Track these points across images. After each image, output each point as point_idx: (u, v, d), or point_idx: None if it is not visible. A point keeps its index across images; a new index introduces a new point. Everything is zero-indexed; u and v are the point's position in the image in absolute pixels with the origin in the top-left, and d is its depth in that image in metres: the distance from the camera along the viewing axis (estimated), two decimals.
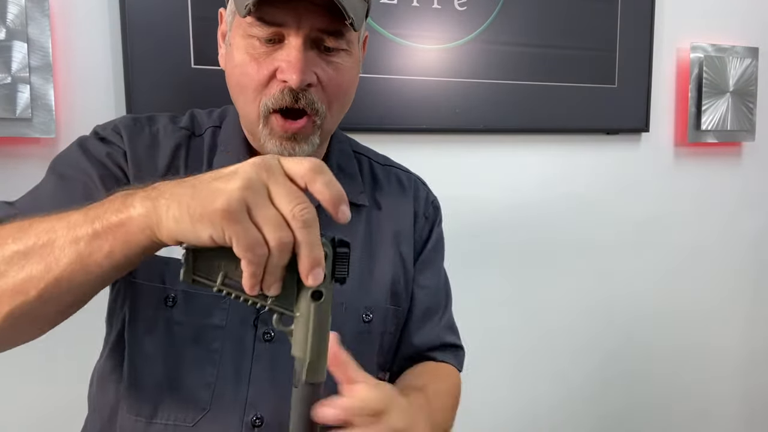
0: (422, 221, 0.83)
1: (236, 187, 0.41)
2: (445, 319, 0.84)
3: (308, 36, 0.64)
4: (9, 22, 0.96)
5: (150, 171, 0.69)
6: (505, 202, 1.40)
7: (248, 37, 0.65)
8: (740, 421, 1.78)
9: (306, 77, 0.63)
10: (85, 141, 0.71)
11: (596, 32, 1.42)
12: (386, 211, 0.79)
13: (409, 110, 1.25)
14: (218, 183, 0.42)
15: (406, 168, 0.88)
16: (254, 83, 0.65)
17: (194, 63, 1.08)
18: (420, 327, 0.81)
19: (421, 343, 0.80)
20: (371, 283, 0.74)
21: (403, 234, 0.79)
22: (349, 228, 0.74)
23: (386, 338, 0.76)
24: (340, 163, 0.79)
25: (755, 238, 1.72)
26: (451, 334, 0.85)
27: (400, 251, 0.78)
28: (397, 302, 0.77)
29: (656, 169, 1.56)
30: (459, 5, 1.27)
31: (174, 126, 0.75)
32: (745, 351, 1.75)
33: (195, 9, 1.07)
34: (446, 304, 0.86)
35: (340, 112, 0.72)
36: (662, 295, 1.61)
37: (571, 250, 1.48)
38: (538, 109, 1.37)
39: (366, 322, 0.73)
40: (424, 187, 0.88)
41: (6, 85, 0.96)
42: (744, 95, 1.60)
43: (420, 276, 0.82)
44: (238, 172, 0.43)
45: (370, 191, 0.80)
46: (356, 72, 0.71)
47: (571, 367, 1.52)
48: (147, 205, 0.45)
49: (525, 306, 1.45)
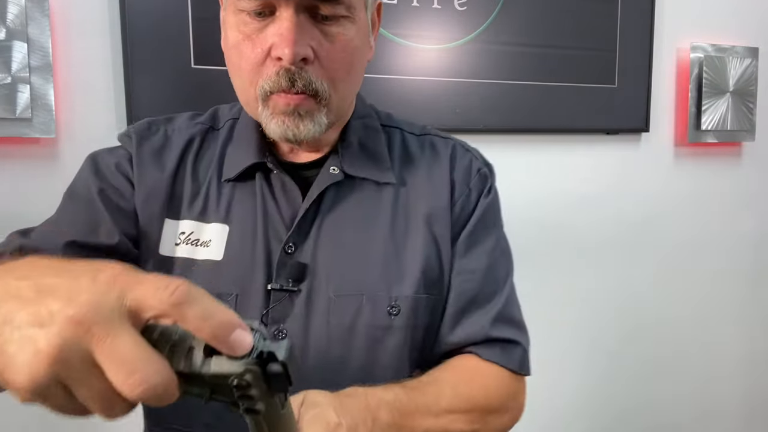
0: (464, 192, 0.72)
1: (44, 357, 0.30)
2: (497, 309, 0.70)
3: (300, 4, 0.58)
4: (9, 22, 0.96)
5: (155, 172, 0.69)
6: (505, 201, 1.39)
7: (238, 12, 0.60)
8: (740, 421, 1.78)
9: (299, 50, 0.58)
10: (96, 155, 0.71)
11: (596, 32, 1.42)
12: (417, 187, 0.71)
13: (409, 110, 1.25)
14: (29, 330, 0.31)
15: (447, 134, 0.78)
16: (249, 64, 0.61)
17: (194, 63, 1.08)
18: (461, 319, 0.69)
19: (460, 340, 0.69)
20: (398, 272, 0.66)
21: (437, 211, 0.70)
22: (373, 210, 0.68)
23: (420, 332, 0.68)
24: (363, 140, 0.71)
25: (755, 238, 1.72)
26: (503, 326, 0.71)
27: (433, 232, 0.69)
28: (431, 290, 0.68)
29: (656, 169, 1.56)
30: (459, 5, 1.27)
31: (191, 122, 0.73)
32: (745, 351, 1.75)
33: (195, 9, 1.07)
34: (501, 290, 0.72)
35: (347, 88, 0.65)
36: (662, 294, 1.61)
37: (570, 250, 1.48)
38: (538, 109, 1.37)
39: (393, 315, 0.65)
40: (468, 153, 0.77)
41: (6, 85, 0.96)
42: (744, 95, 1.60)
43: (462, 260, 0.70)
44: (55, 320, 0.30)
45: (400, 167, 0.72)
46: (361, 41, 0.63)
47: (570, 367, 1.52)
48: None
49: (524, 306, 1.45)
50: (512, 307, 0.74)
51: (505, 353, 0.71)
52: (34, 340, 0.30)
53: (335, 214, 0.67)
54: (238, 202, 0.68)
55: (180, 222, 0.68)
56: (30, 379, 0.30)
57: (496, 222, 0.76)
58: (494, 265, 0.73)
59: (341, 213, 0.67)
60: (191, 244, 0.67)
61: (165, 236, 0.67)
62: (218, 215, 0.68)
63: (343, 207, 0.68)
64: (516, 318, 0.75)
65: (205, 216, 0.68)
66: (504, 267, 0.75)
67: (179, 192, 0.69)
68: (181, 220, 0.68)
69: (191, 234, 0.67)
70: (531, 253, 1.44)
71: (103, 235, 0.64)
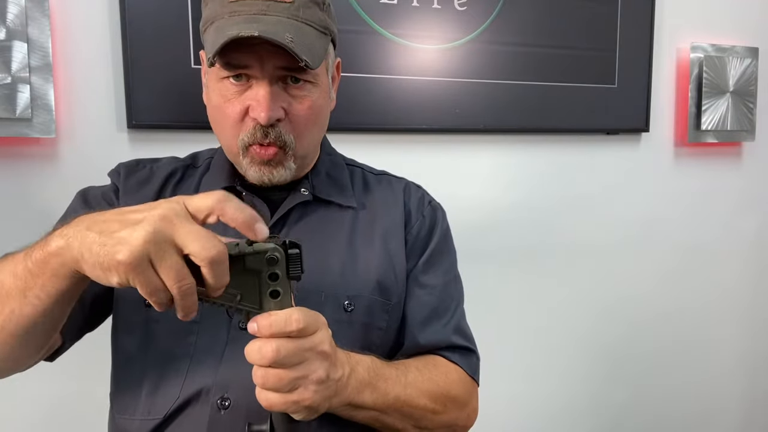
0: (418, 219, 0.84)
1: (139, 240, 0.46)
2: (454, 321, 0.82)
3: (273, 74, 0.69)
4: (9, 22, 0.96)
5: (138, 198, 0.76)
6: (505, 201, 1.40)
7: (220, 80, 0.71)
8: (740, 421, 1.78)
9: (273, 114, 0.69)
10: (85, 189, 0.79)
11: (596, 32, 1.42)
12: (375, 210, 0.82)
13: (409, 110, 1.25)
14: (124, 232, 0.47)
15: (401, 177, 0.90)
16: (231, 121, 0.71)
17: (194, 63, 1.08)
18: (426, 326, 0.80)
19: (427, 342, 0.80)
20: (354, 275, 0.76)
21: (392, 230, 0.81)
22: (335, 226, 0.79)
23: (374, 332, 0.76)
24: (330, 172, 0.83)
25: (755, 238, 1.72)
26: (460, 337, 0.83)
27: (388, 247, 0.80)
28: (386, 296, 0.77)
29: (656, 169, 1.56)
30: (459, 5, 1.27)
31: (174, 160, 0.83)
32: (745, 351, 1.75)
33: (195, 9, 1.07)
34: (455, 307, 0.84)
35: (312, 137, 0.77)
36: (662, 294, 1.61)
37: (570, 250, 1.48)
38: (538, 109, 1.37)
39: (347, 311, 0.74)
40: (419, 189, 0.89)
41: (6, 85, 0.96)
42: (744, 95, 1.60)
43: (424, 276, 0.82)
44: (144, 220, 0.47)
45: (361, 195, 0.83)
46: (324, 100, 0.76)
47: (570, 367, 1.52)
48: (60, 243, 0.51)
49: (524, 306, 1.45)
50: (466, 325, 0.85)
51: (465, 359, 0.81)
52: (132, 231, 0.47)
53: (301, 226, 0.77)
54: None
55: None
56: (130, 254, 0.46)
57: (450, 248, 0.87)
58: (449, 285, 0.84)
59: (306, 225, 0.77)
60: None
61: None
62: None
63: (309, 221, 0.78)
64: (470, 334, 0.85)
65: None
66: (456, 290, 0.86)
67: None
68: None
69: None
70: (531, 253, 1.44)
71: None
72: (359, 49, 1.20)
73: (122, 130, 1.08)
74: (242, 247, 0.52)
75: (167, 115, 1.08)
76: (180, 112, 1.09)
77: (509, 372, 1.45)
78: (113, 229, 0.48)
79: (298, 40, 0.66)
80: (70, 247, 0.50)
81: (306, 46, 0.67)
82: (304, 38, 0.68)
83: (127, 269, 0.46)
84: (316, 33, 0.71)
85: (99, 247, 0.47)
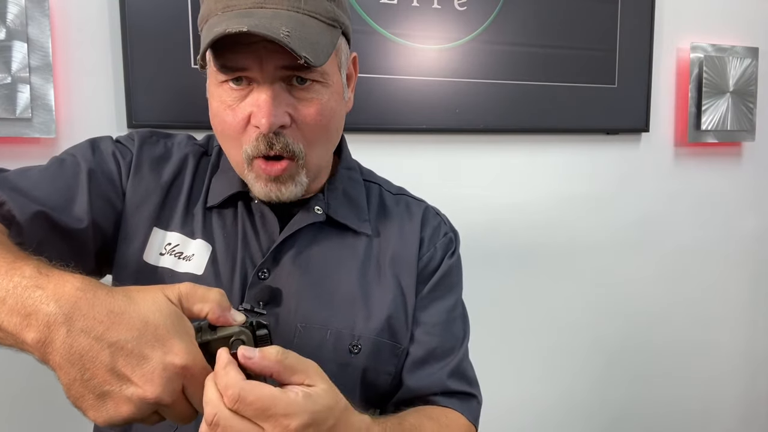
0: (430, 249, 0.76)
1: (124, 415, 0.45)
2: (453, 364, 0.74)
3: (274, 75, 0.62)
4: (9, 22, 0.96)
5: (152, 179, 0.71)
6: (505, 201, 1.40)
7: (219, 84, 0.64)
8: (740, 421, 1.78)
9: (276, 120, 0.62)
10: (98, 138, 0.73)
11: (596, 32, 1.42)
12: (389, 239, 0.75)
13: (409, 110, 1.25)
14: (111, 403, 0.46)
15: (421, 198, 0.83)
16: (232, 131, 0.65)
17: (194, 63, 1.08)
18: (418, 368, 0.72)
19: (417, 386, 0.72)
20: (364, 314, 0.69)
21: (406, 264, 0.74)
22: (347, 254, 0.72)
23: (382, 377, 0.70)
24: (347, 190, 0.76)
25: (755, 238, 1.72)
26: (459, 381, 0.74)
27: (401, 284, 0.73)
28: (395, 338, 0.71)
29: (656, 169, 1.56)
30: (459, 5, 1.27)
31: (189, 141, 0.77)
32: (745, 351, 1.75)
33: (195, 9, 1.07)
34: (458, 348, 0.76)
35: (324, 146, 0.69)
36: (662, 295, 1.61)
37: (570, 250, 1.48)
38: (537, 109, 1.37)
39: (353, 353, 0.68)
40: (437, 216, 0.81)
41: (6, 85, 0.96)
42: (744, 95, 1.60)
43: (422, 313, 0.74)
44: (136, 395, 0.46)
45: (376, 219, 0.77)
46: (336, 102, 0.67)
47: (571, 367, 1.52)
48: (40, 333, 0.44)
49: (524, 306, 1.45)
50: (468, 364, 0.78)
51: (464, 404, 0.74)
52: (118, 406, 0.45)
53: (312, 250, 0.71)
54: (220, 227, 0.71)
55: (168, 233, 0.70)
56: (110, 421, 0.45)
57: (458, 284, 0.80)
58: (453, 323, 0.77)
59: (318, 251, 0.71)
60: (175, 256, 0.69)
61: (151, 244, 0.69)
62: (203, 234, 0.70)
63: (321, 246, 0.72)
64: (471, 375, 0.78)
65: (191, 232, 0.70)
66: (461, 328, 0.78)
67: (172, 204, 0.71)
68: (170, 231, 0.70)
69: (177, 246, 0.69)
70: (531, 253, 1.44)
71: (73, 215, 0.64)
72: (359, 49, 1.20)
73: (122, 130, 1.08)
74: (205, 332, 0.50)
75: (167, 115, 1.08)
76: (180, 112, 1.09)
77: (509, 372, 1.45)
78: (102, 381, 0.44)
79: (298, 34, 0.58)
80: (52, 342, 0.44)
81: (307, 40, 0.59)
82: (305, 32, 0.60)
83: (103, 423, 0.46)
84: (322, 26, 0.63)
85: (80, 398, 0.45)
